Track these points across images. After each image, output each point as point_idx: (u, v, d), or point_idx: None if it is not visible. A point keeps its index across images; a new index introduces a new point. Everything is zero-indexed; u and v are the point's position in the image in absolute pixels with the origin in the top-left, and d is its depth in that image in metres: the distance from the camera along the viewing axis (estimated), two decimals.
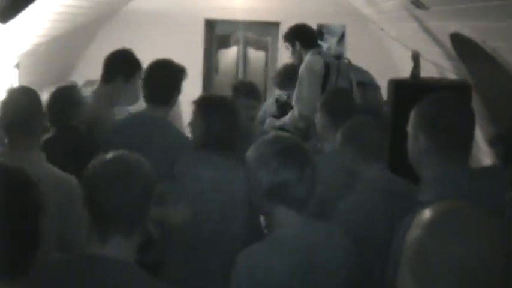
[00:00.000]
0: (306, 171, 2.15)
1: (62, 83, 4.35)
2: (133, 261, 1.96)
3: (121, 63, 4.07)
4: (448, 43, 4.41)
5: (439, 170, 2.11)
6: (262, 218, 2.57)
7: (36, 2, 4.32)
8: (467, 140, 2.16)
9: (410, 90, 4.49)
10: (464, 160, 2.15)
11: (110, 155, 2.01)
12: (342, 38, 8.44)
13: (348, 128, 3.05)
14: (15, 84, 6.05)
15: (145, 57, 6.33)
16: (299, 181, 2.14)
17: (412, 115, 2.23)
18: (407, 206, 2.05)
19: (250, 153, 2.24)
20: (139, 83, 3.93)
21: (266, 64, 8.97)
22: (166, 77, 3.67)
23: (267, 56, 9.08)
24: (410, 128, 2.23)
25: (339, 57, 6.28)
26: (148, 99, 3.64)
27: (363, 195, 2.80)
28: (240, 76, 8.93)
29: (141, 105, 3.91)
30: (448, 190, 1.99)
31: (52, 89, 4.02)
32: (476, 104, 4.19)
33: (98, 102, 4.04)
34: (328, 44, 8.44)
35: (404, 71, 6.48)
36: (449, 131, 2.12)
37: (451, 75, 5.02)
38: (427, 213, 1.35)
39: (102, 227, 1.95)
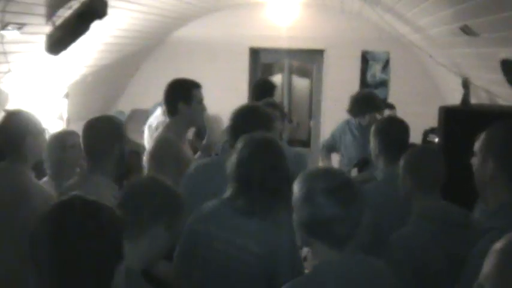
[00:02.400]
0: (351, 210, 2.06)
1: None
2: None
3: (177, 90, 4.08)
4: (498, 69, 4.35)
5: (508, 195, 2.09)
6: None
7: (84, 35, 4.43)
8: None
9: (461, 117, 4.44)
10: None
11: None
12: (386, 64, 8.41)
13: (409, 157, 3.00)
14: (65, 113, 6.18)
15: None
16: (342, 219, 2.04)
17: (482, 138, 2.22)
18: (465, 235, 2.03)
19: (297, 183, 2.17)
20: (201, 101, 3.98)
21: (311, 92, 8.97)
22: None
23: (311, 84, 9.08)
24: (478, 152, 2.21)
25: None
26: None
27: (418, 226, 2.74)
28: (285, 104, 8.96)
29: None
30: None
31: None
32: None
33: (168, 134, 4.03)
34: (372, 71, 8.43)
35: (450, 98, 6.43)
36: None
37: (502, 102, 4.94)
38: (503, 241, 1.36)
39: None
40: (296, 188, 2.15)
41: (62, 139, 3.86)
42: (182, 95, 4.01)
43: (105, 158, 3.00)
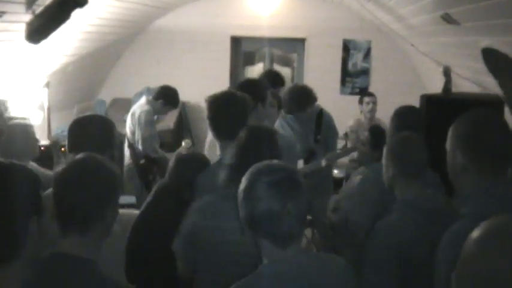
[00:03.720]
0: (291, 205, 1.97)
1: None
2: (91, 257, 2.05)
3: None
4: (479, 58, 4.38)
5: (476, 185, 2.14)
6: None
7: (65, 23, 4.38)
8: (505, 156, 2.18)
9: (442, 105, 4.46)
10: (501, 175, 2.17)
11: (74, 158, 2.19)
12: (368, 53, 8.45)
13: (391, 145, 3.02)
14: (45, 103, 6.13)
15: (173, 75, 6.46)
16: (283, 214, 1.96)
17: (450, 133, 2.26)
18: (449, 223, 2.07)
19: (243, 180, 2.10)
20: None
21: (292, 80, 8.97)
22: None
23: (293, 72, 9.10)
24: (448, 145, 2.26)
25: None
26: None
27: (401, 214, 2.75)
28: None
29: None
30: (485, 204, 2.06)
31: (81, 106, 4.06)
32: (508, 118, 4.15)
33: None
34: (354, 59, 8.47)
35: (432, 87, 6.47)
36: (486, 148, 2.16)
37: (483, 90, 4.98)
38: (478, 231, 1.39)
39: (61, 225, 2.08)
40: (241, 186, 2.09)
41: None
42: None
43: None
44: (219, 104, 3.31)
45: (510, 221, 1.41)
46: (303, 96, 5.30)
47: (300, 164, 5.17)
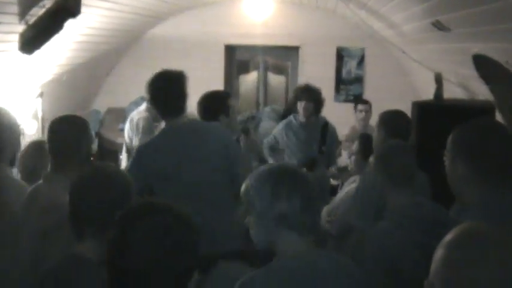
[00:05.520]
0: (308, 199, 2.06)
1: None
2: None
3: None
4: (470, 64, 4.39)
5: (478, 196, 2.09)
6: None
7: (58, 33, 4.38)
8: (508, 165, 2.12)
9: (434, 112, 4.48)
10: (505, 185, 2.11)
11: (89, 168, 2.33)
12: (361, 60, 8.48)
13: (379, 153, 3.02)
14: (39, 113, 6.13)
15: None
16: (301, 210, 2.02)
17: (450, 141, 2.21)
18: (441, 232, 2.04)
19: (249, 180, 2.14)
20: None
21: (286, 88, 8.99)
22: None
23: (287, 80, 9.11)
24: (448, 154, 2.20)
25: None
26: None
27: (392, 222, 2.73)
28: (261, 101, 8.98)
29: None
30: (487, 215, 1.98)
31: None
32: None
33: None
34: (348, 67, 8.48)
35: (425, 94, 6.49)
36: (490, 158, 2.10)
37: (474, 96, 5.00)
38: (450, 235, 1.41)
39: (77, 229, 2.19)
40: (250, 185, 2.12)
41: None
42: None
43: (71, 159, 2.91)
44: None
45: (480, 225, 1.43)
46: (297, 91, 5.69)
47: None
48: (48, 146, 2.99)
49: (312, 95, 5.56)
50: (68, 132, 2.97)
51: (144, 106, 5.94)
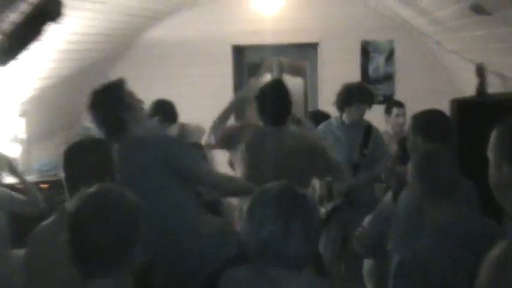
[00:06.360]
0: (294, 225, 2.09)
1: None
2: None
3: None
4: None
5: None
6: None
7: (37, 42, 4.38)
8: None
9: (476, 110, 4.43)
10: None
11: (90, 190, 2.19)
12: (390, 55, 8.43)
13: (414, 162, 2.99)
14: (23, 134, 6.14)
15: (168, 94, 6.43)
16: (285, 236, 2.07)
17: (493, 141, 2.14)
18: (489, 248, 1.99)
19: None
20: None
21: (305, 92, 8.96)
22: None
23: (305, 83, 9.07)
24: (491, 156, 2.14)
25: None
26: None
27: (434, 241, 2.70)
28: None
29: None
30: None
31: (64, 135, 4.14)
32: None
33: None
34: (375, 64, 8.44)
35: (467, 89, 6.42)
36: None
37: None
38: (497, 249, 1.44)
39: (83, 266, 2.10)
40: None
41: None
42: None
43: None
44: None
45: None
46: (351, 91, 5.65)
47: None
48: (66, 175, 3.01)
49: (369, 97, 5.67)
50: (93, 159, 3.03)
51: None
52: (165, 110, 5.98)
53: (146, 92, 8.10)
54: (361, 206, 5.02)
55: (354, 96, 5.59)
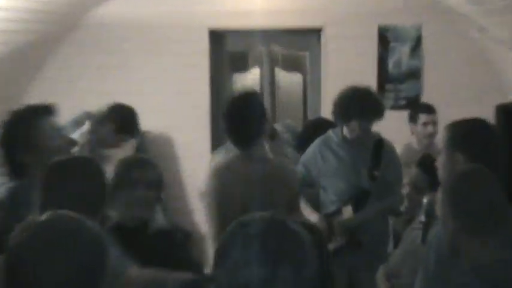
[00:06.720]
0: (281, 270, 2.10)
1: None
2: None
3: None
4: None
5: None
6: None
7: None
8: None
9: None
10: None
11: (41, 218, 2.28)
12: (417, 45, 8.36)
13: (447, 187, 3.04)
14: None
15: (124, 91, 6.34)
16: (270, 283, 2.09)
17: None
18: None
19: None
20: None
21: (304, 90, 9.04)
22: None
23: (304, 79, 9.11)
24: None
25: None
26: None
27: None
28: (268, 108, 8.89)
29: None
30: None
31: None
32: None
33: None
34: (396, 56, 8.35)
35: None
36: None
37: None
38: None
39: None
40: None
41: None
42: None
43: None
44: None
45: None
46: (353, 99, 5.50)
47: (348, 211, 5.40)
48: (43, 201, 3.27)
49: (373, 113, 5.53)
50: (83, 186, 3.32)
51: (86, 127, 6.04)
52: (122, 117, 5.95)
53: (96, 85, 8.13)
54: (371, 246, 5.17)
55: (350, 112, 5.49)
